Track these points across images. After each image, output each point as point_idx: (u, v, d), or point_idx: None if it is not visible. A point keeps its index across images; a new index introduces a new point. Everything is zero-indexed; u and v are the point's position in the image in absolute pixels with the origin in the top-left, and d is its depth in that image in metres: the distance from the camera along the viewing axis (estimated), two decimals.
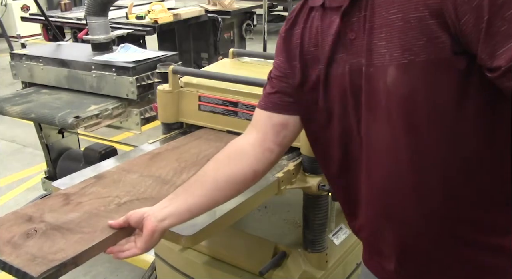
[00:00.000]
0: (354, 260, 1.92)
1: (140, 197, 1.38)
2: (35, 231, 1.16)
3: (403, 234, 0.99)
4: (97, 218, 1.23)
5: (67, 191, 1.40)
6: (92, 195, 1.38)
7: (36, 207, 1.29)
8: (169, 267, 1.97)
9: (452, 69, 0.81)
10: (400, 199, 0.95)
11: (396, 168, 0.92)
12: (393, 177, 0.93)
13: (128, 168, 1.58)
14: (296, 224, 1.89)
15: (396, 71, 0.85)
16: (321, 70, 0.99)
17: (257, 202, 1.52)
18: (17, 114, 2.34)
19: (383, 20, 0.86)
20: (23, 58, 2.63)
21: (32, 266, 1.02)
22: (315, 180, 1.60)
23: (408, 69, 0.84)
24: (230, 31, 5.04)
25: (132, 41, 3.32)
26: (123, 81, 2.31)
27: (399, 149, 0.90)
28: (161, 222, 1.09)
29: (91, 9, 2.55)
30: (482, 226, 0.93)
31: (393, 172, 0.93)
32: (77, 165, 2.68)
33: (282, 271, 1.71)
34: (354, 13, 0.91)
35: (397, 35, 0.84)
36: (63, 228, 1.18)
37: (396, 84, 0.86)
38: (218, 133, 1.84)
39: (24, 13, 7.71)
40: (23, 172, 4.04)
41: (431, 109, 0.85)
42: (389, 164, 0.93)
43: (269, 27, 5.15)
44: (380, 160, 0.94)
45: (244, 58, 2.13)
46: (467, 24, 0.77)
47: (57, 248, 1.09)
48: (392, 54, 0.85)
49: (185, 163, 1.62)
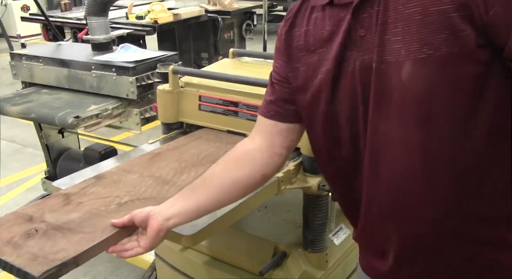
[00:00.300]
0: (354, 260, 1.92)
1: (140, 197, 1.38)
2: (36, 231, 1.16)
3: (406, 233, 0.98)
4: (97, 218, 1.23)
5: (68, 191, 1.40)
6: (92, 195, 1.38)
7: (37, 207, 1.29)
8: (169, 267, 1.97)
9: (475, 62, 0.81)
10: (411, 197, 0.93)
11: (408, 165, 0.91)
12: (405, 175, 0.92)
13: (128, 168, 1.58)
14: (296, 224, 1.89)
15: (412, 66, 0.84)
16: (329, 70, 0.97)
17: (257, 202, 1.52)
18: (17, 114, 2.34)
19: (399, 14, 0.84)
20: (23, 58, 2.63)
21: (33, 265, 1.02)
22: (315, 180, 1.60)
23: (427, 63, 0.83)
24: (230, 31, 5.04)
25: (132, 41, 3.32)
26: (123, 81, 2.31)
27: (411, 146, 0.89)
28: (167, 221, 1.08)
29: (91, 9, 2.55)
30: (490, 222, 0.93)
31: (404, 169, 0.92)
32: (77, 165, 2.68)
33: (282, 271, 1.71)
34: (365, 9, 0.89)
35: (415, 29, 0.83)
36: (64, 228, 1.18)
37: (412, 80, 0.85)
38: (218, 133, 1.84)
39: (24, 13, 7.72)
40: (23, 172, 4.04)
41: (447, 106, 0.84)
42: (400, 162, 0.92)
43: (269, 27, 5.15)
44: (390, 159, 0.93)
45: (244, 58, 2.13)
46: (496, 15, 0.77)
47: (58, 248, 1.09)
48: (409, 49, 0.84)
49: (186, 163, 1.61)
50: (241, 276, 1.77)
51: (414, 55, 0.83)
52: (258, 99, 1.72)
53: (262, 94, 1.69)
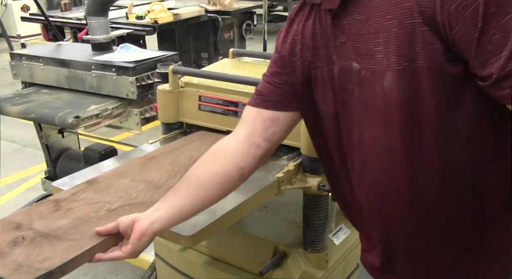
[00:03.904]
0: (354, 260, 1.92)
1: (131, 203, 1.35)
2: (23, 238, 1.13)
3: (390, 235, 1.01)
4: (87, 225, 1.20)
5: (58, 196, 1.37)
6: (83, 201, 1.35)
7: (25, 214, 1.26)
8: (169, 267, 1.97)
9: (447, 75, 0.81)
10: (393, 201, 0.95)
11: (390, 170, 0.93)
12: (386, 179, 0.94)
13: (121, 172, 1.55)
14: (296, 224, 1.89)
15: (392, 76, 0.85)
16: (321, 68, 0.99)
17: (257, 202, 1.52)
18: (17, 114, 2.34)
19: (380, 25, 0.86)
20: (23, 58, 2.62)
21: (18, 275, 0.99)
22: (315, 180, 1.60)
23: (404, 75, 0.84)
24: (230, 31, 5.03)
25: (132, 41, 3.32)
26: (123, 81, 2.31)
27: (394, 152, 0.91)
28: (151, 225, 1.06)
29: (91, 9, 2.55)
30: (474, 225, 0.93)
31: (386, 174, 0.94)
32: (77, 165, 2.68)
33: (282, 271, 1.71)
34: (345, 16, 0.91)
35: (393, 41, 0.84)
36: (51, 236, 1.15)
37: (392, 90, 0.86)
38: (213, 135, 1.82)
39: (24, 13, 7.71)
40: (23, 172, 4.04)
41: (427, 113, 0.85)
42: (381, 166, 0.94)
43: (269, 27, 5.15)
44: (370, 162, 0.95)
45: (244, 58, 2.13)
46: (459, 33, 0.77)
47: (44, 256, 1.06)
48: (389, 59, 0.85)
49: (179, 167, 1.58)
50: (241, 276, 1.77)
51: (393, 66, 0.85)
52: None
53: None
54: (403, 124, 0.87)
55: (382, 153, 0.92)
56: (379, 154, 0.93)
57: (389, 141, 0.90)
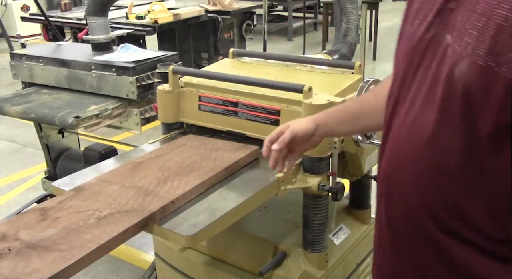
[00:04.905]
0: (354, 260, 1.92)
1: (121, 210, 1.31)
2: (9, 250, 1.10)
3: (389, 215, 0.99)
4: (75, 234, 1.17)
5: (44, 205, 1.34)
6: (70, 209, 1.31)
7: (11, 224, 1.22)
8: (169, 267, 1.97)
9: None
10: (400, 183, 0.93)
11: (409, 150, 0.89)
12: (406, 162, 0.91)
13: (109, 179, 1.51)
14: (296, 224, 1.89)
15: (467, 67, 0.77)
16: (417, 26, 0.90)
17: (257, 202, 1.52)
18: (17, 114, 2.34)
19: (487, 9, 0.75)
20: (23, 58, 2.63)
21: None
22: (315, 180, 1.60)
23: (479, 72, 0.76)
24: (230, 31, 5.03)
25: (132, 41, 3.31)
26: (123, 81, 2.31)
27: (440, 145, 0.85)
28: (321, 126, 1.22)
29: (91, 9, 2.55)
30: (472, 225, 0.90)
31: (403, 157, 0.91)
32: (77, 165, 2.68)
33: (282, 271, 1.71)
34: None
35: (491, 33, 0.74)
36: (39, 246, 1.11)
37: (459, 80, 0.79)
38: (203, 139, 1.81)
39: (24, 13, 7.71)
40: (23, 172, 4.05)
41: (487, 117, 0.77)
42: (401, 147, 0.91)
43: (269, 27, 5.16)
44: (397, 142, 0.93)
45: (244, 58, 2.13)
46: None
47: (32, 268, 1.03)
48: (475, 50, 0.76)
49: (169, 172, 1.55)
50: (241, 276, 1.77)
51: (475, 58, 0.76)
52: (258, 99, 1.72)
53: (262, 94, 1.72)
54: (460, 117, 0.80)
55: (423, 143, 0.87)
56: (418, 141, 0.87)
57: (441, 134, 0.84)
